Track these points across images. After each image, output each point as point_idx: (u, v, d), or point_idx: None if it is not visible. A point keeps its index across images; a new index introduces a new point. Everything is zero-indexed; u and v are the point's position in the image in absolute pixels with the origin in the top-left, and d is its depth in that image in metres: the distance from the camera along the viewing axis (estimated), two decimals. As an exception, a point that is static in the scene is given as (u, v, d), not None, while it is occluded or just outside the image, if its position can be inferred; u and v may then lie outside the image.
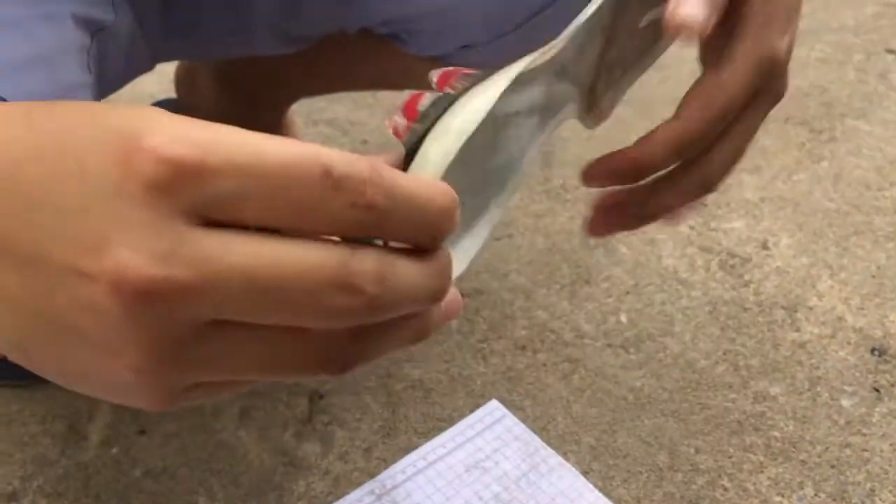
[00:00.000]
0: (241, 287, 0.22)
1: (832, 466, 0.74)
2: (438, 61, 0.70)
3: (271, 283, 0.22)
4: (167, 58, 0.74)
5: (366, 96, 1.16)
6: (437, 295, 0.26)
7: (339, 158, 0.22)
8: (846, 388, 0.80)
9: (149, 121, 0.22)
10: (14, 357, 0.26)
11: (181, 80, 0.93)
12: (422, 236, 0.25)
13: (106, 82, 0.57)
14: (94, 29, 0.51)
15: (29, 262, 0.23)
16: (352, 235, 0.23)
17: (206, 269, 0.22)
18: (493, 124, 0.34)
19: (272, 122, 0.91)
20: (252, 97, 0.86)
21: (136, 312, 0.22)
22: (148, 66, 0.70)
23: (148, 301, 0.22)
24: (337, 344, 0.24)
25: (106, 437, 0.75)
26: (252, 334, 0.23)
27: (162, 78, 1.11)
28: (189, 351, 0.23)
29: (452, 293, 0.28)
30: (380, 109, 1.15)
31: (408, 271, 0.24)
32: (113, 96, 0.67)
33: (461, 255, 0.36)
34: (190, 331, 0.23)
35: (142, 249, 0.21)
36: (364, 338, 0.25)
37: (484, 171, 0.38)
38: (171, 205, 0.21)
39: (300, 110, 0.95)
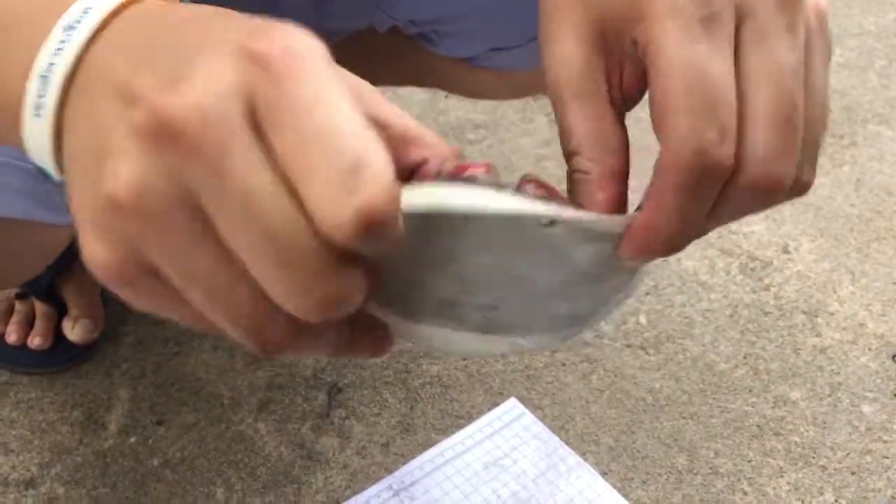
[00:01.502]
0: (238, 188, 0.23)
1: (852, 473, 0.73)
2: (464, 63, 0.70)
3: (248, 197, 0.23)
4: None
5: (387, 92, 1.16)
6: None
7: None
8: (867, 394, 0.80)
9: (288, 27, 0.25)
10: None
11: None
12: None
13: None
14: None
15: (125, 91, 0.24)
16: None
17: (225, 149, 0.23)
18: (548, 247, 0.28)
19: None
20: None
21: (152, 144, 0.23)
22: None
23: (168, 139, 0.23)
24: (273, 319, 0.24)
25: (124, 427, 0.75)
26: (222, 250, 0.24)
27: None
28: (163, 210, 0.23)
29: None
30: (400, 105, 1.14)
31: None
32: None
33: (424, 338, 0.31)
34: (178, 194, 0.23)
35: (197, 97, 0.23)
36: (300, 329, 0.25)
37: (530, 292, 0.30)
38: (245, 87, 0.23)
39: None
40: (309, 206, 0.23)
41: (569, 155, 0.32)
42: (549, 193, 0.28)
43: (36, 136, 0.27)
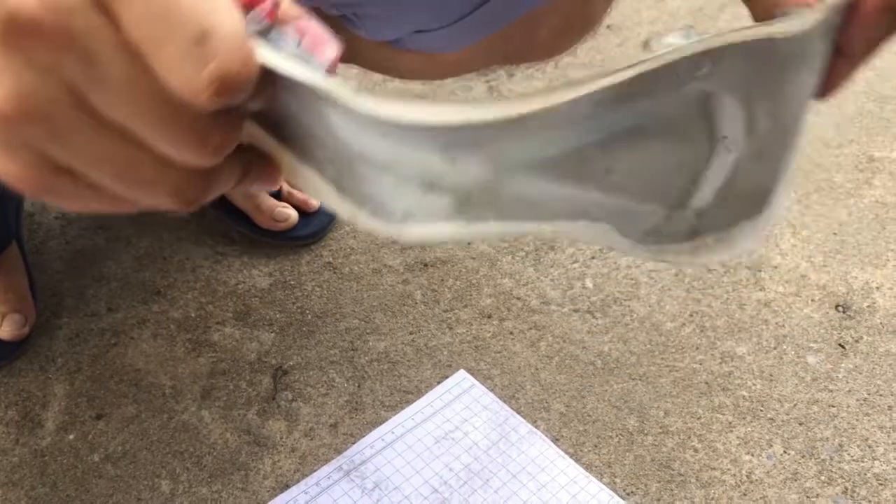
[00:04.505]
0: (108, 55, 0.24)
1: (800, 423, 0.74)
2: (389, 45, 0.68)
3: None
4: None
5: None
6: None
7: None
8: (811, 345, 0.80)
9: None
10: None
11: None
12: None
13: None
14: None
15: None
16: None
17: (88, 36, 0.23)
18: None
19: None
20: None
21: (17, 51, 0.23)
22: None
23: (30, 39, 0.23)
24: (183, 176, 0.26)
25: (62, 423, 0.73)
26: (105, 134, 0.25)
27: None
28: (54, 111, 0.24)
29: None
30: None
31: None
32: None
33: (308, 184, 0.30)
34: (60, 90, 0.24)
35: None
36: (207, 174, 0.27)
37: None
38: None
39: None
40: (164, 80, 0.24)
41: None
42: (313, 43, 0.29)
43: None
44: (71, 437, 0.72)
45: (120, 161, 0.26)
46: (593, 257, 0.88)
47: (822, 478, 0.70)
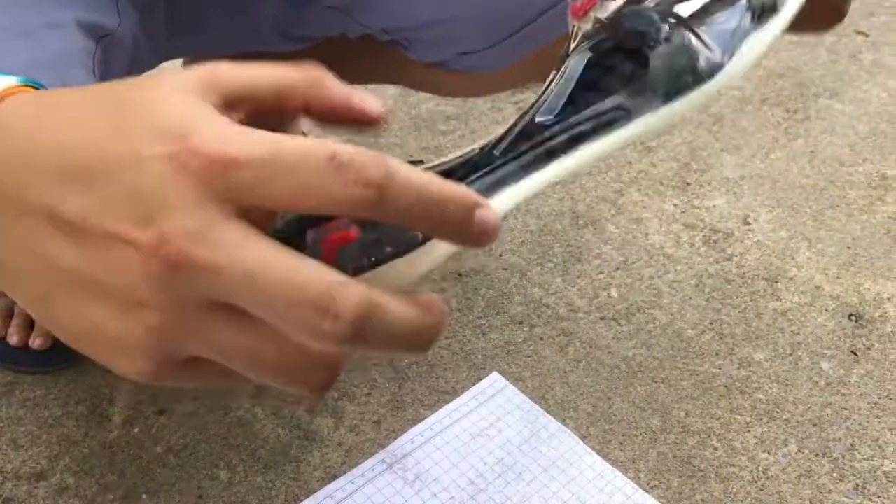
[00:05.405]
0: (242, 276, 0.26)
1: (814, 424, 0.78)
2: (435, 66, 0.74)
3: (265, 283, 0.25)
4: (173, 55, 0.77)
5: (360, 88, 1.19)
6: (424, 341, 0.27)
7: (345, 147, 0.26)
8: (825, 352, 0.85)
9: (198, 120, 0.27)
10: (30, 308, 0.30)
11: None
12: (423, 222, 0.26)
13: None
14: (99, 35, 0.54)
15: (74, 227, 0.27)
16: (356, 214, 0.26)
17: (221, 253, 0.26)
18: None
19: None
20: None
21: (165, 278, 0.26)
22: (152, 66, 0.72)
23: (174, 269, 0.26)
24: (316, 366, 0.27)
25: (127, 418, 0.79)
26: (246, 324, 0.27)
27: (159, 74, 1.14)
28: (195, 321, 0.27)
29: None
30: (372, 100, 1.19)
31: (393, 312, 0.26)
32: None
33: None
34: (201, 304, 0.26)
35: (180, 228, 0.26)
36: (339, 368, 0.28)
37: None
38: (207, 194, 0.26)
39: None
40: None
41: None
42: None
43: None
44: (136, 430, 0.78)
45: (249, 348, 0.27)
46: (617, 268, 0.94)
47: (835, 475, 0.74)
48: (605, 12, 0.36)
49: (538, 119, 0.34)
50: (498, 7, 0.64)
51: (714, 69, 0.35)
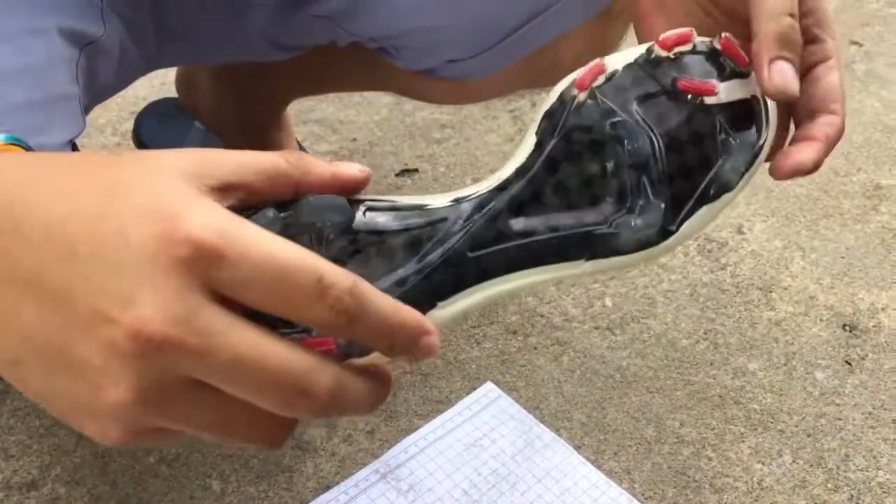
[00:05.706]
0: (228, 362, 0.27)
1: (808, 435, 0.78)
2: (423, 74, 0.74)
3: (250, 369, 0.28)
4: (163, 64, 0.77)
5: (354, 96, 1.20)
6: (374, 408, 0.32)
7: (331, 270, 0.28)
8: (820, 361, 0.85)
9: (187, 204, 0.28)
10: (1, 369, 0.30)
11: (182, 81, 0.96)
12: (381, 344, 0.30)
13: (98, 91, 0.59)
14: (83, 42, 0.53)
15: (55, 299, 0.28)
16: (328, 332, 0.30)
17: (209, 340, 0.27)
18: None
19: (269, 121, 0.94)
20: (250, 98, 0.89)
21: (143, 357, 0.27)
22: (141, 73, 0.71)
23: (157, 351, 0.27)
24: (279, 427, 0.30)
25: (119, 428, 0.78)
26: (221, 400, 0.29)
27: (153, 82, 1.14)
28: (168, 398, 0.28)
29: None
30: (368, 108, 1.19)
31: (356, 388, 0.30)
32: (105, 102, 0.71)
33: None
34: (177, 382, 0.28)
35: (163, 311, 0.27)
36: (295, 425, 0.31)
37: None
38: (193, 279, 0.27)
39: (290, 109, 0.98)
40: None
41: None
42: None
43: None
44: (128, 440, 0.77)
45: (222, 420, 0.29)
46: (612, 278, 0.94)
47: (829, 486, 0.74)
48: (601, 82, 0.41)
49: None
50: (484, 16, 0.64)
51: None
